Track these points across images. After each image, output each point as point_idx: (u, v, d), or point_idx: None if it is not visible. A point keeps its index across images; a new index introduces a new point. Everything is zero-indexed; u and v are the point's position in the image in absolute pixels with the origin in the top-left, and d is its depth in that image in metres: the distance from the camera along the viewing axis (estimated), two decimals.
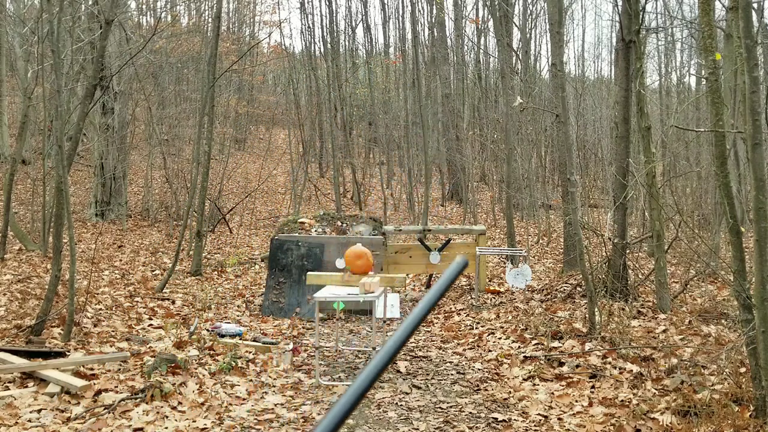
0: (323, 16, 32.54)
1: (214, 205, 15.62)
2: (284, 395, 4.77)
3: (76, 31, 10.38)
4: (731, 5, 6.08)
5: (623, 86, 7.88)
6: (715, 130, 4.53)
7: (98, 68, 7.70)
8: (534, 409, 4.45)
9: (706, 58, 4.63)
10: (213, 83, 10.23)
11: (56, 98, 6.32)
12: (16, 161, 10.15)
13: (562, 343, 5.82)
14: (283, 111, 27.43)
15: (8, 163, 11.98)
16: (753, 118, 3.75)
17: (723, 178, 4.54)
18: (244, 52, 20.24)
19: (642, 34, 7.65)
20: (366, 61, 25.68)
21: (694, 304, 7.33)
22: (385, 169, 22.71)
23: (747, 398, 4.15)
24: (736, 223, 4.40)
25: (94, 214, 15.01)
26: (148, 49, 14.99)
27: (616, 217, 7.70)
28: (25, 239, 11.01)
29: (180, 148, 18.44)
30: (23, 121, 11.00)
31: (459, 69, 22.30)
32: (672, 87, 21.94)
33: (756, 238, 3.71)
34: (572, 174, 7.17)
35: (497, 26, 14.67)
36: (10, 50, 17.74)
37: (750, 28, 3.99)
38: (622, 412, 4.26)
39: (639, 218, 13.20)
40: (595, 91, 22.86)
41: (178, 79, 21.30)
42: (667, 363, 5.09)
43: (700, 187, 13.27)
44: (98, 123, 14.86)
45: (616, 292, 7.18)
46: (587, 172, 17.81)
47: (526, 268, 8.16)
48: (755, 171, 3.75)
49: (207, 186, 10.66)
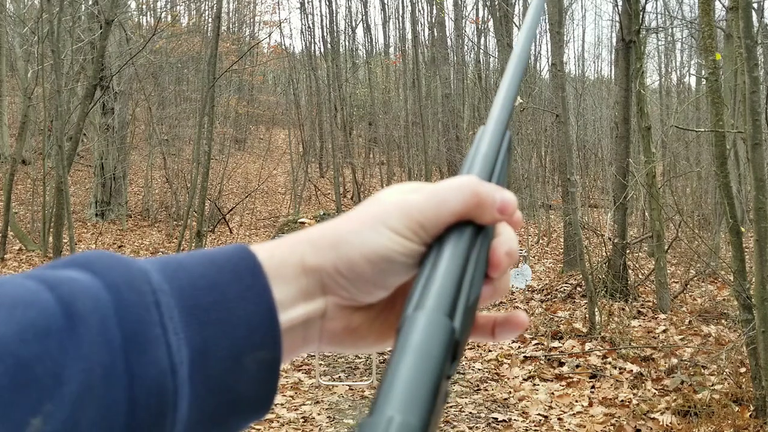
0: (323, 16, 32.56)
1: (214, 205, 15.62)
2: (284, 395, 4.77)
3: (76, 31, 10.38)
4: (731, 5, 6.09)
5: (623, 86, 7.88)
6: (715, 130, 4.53)
7: (98, 68, 7.70)
8: (534, 409, 4.45)
9: (706, 58, 4.64)
10: (213, 83, 10.23)
11: (56, 98, 6.32)
12: (16, 161, 10.16)
13: (562, 343, 5.82)
14: (283, 111, 27.44)
15: (8, 163, 11.98)
16: (753, 118, 3.76)
17: (723, 178, 4.54)
18: (244, 52, 20.25)
19: (642, 34, 7.66)
20: (366, 61, 25.70)
21: (694, 304, 7.33)
22: (385, 169, 22.71)
23: (747, 398, 4.15)
24: (736, 223, 4.40)
25: (94, 214, 15.01)
26: (148, 49, 14.99)
27: (616, 217, 7.70)
28: (25, 239, 11.01)
29: (180, 148, 18.44)
30: (23, 121, 11.00)
31: (459, 69, 22.31)
32: (672, 87, 21.96)
33: (756, 238, 3.71)
34: (572, 174, 7.18)
35: (497, 26, 14.68)
36: (10, 50, 17.73)
37: (750, 28, 3.99)
38: (622, 412, 4.26)
39: (639, 218, 13.20)
40: (595, 91, 22.86)
41: (178, 79, 21.30)
42: (667, 363, 5.09)
43: (700, 187, 13.27)
44: (98, 123, 14.86)
45: (616, 292, 7.17)
46: (587, 172, 17.82)
47: (526, 268, 8.15)
48: (755, 171, 3.75)
49: (207, 186, 10.66)
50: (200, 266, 0.37)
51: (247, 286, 0.37)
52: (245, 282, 0.37)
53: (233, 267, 0.38)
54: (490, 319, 0.44)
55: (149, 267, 0.36)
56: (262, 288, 0.38)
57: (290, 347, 0.40)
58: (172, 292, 0.35)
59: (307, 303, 0.40)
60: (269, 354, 0.37)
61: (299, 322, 0.40)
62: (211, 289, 0.36)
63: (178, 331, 0.34)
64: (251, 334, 0.36)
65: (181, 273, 0.37)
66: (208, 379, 0.35)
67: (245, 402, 0.37)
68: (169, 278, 0.36)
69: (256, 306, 0.37)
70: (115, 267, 0.35)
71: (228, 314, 0.36)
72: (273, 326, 0.37)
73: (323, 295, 0.40)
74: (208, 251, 0.39)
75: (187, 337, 0.34)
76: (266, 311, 0.37)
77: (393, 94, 25.46)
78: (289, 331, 0.39)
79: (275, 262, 0.39)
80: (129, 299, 0.34)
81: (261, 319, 0.37)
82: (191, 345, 0.34)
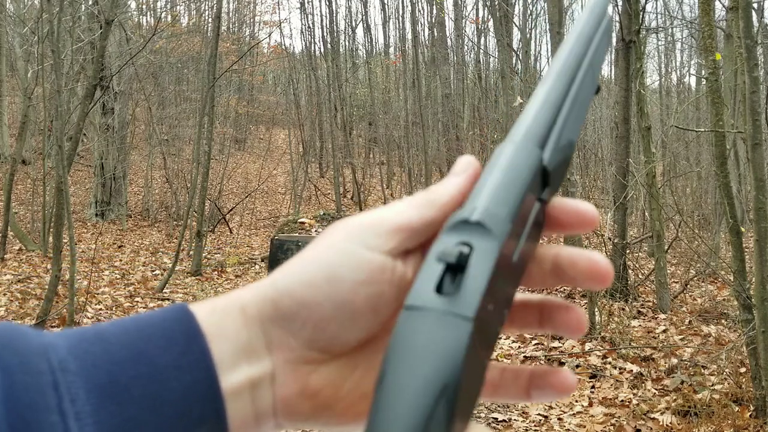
0: (323, 16, 32.56)
1: (214, 205, 15.62)
2: None
3: (76, 31, 10.38)
4: (731, 5, 6.08)
5: (623, 86, 7.88)
6: (715, 130, 4.53)
7: (98, 68, 7.70)
8: (534, 409, 4.45)
9: (706, 58, 4.63)
10: (213, 83, 10.23)
11: (56, 98, 6.32)
12: (16, 161, 10.16)
13: (562, 343, 5.82)
14: (283, 111, 27.43)
15: (8, 163, 11.98)
16: (753, 118, 3.75)
17: (723, 178, 4.54)
18: (244, 52, 20.25)
19: (642, 34, 7.65)
20: (366, 61, 25.69)
21: (694, 304, 7.33)
22: (385, 169, 22.71)
23: (747, 398, 4.15)
24: (736, 223, 4.40)
25: (94, 214, 15.01)
26: (148, 49, 15.00)
27: (616, 217, 7.70)
28: (25, 239, 11.01)
29: (180, 148, 18.43)
30: (23, 121, 11.00)
31: (459, 69, 22.31)
32: (672, 87, 21.95)
33: (756, 238, 3.71)
34: (572, 174, 7.18)
35: (497, 26, 14.68)
36: (10, 50, 17.73)
37: (750, 28, 3.99)
38: (622, 412, 4.26)
39: (639, 218, 13.19)
40: None
41: (178, 79, 21.29)
42: (667, 363, 5.09)
43: (700, 187, 13.27)
44: (98, 123, 14.86)
45: (616, 292, 7.17)
46: (587, 172, 17.82)
47: None
48: (755, 171, 3.75)
49: (207, 186, 10.66)
50: (124, 335, 0.32)
51: (180, 352, 0.31)
52: (178, 347, 0.32)
53: (164, 332, 0.32)
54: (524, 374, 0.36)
55: (58, 342, 0.31)
56: (200, 352, 0.32)
57: (239, 422, 0.33)
58: (80, 369, 0.30)
59: (251, 362, 0.33)
60: (212, 430, 0.31)
61: (245, 387, 0.33)
62: (135, 360, 0.31)
63: (83, 416, 0.29)
64: (188, 409, 0.31)
65: (98, 346, 0.31)
66: None
67: None
68: (81, 353, 0.30)
69: (192, 375, 0.31)
70: (8, 345, 0.30)
71: (158, 388, 0.30)
72: (214, 396, 0.31)
73: (268, 352, 0.34)
74: (143, 315, 0.33)
75: (97, 422, 0.29)
76: (205, 379, 0.31)
77: (393, 94, 25.45)
78: (235, 399, 0.32)
79: (216, 318, 0.33)
80: (21, 382, 0.28)
81: (200, 389, 0.31)
82: (103, 430, 0.29)
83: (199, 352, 0.32)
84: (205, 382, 0.31)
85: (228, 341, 0.33)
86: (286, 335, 0.33)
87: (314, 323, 0.33)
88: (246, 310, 0.34)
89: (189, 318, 0.33)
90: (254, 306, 0.34)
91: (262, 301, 0.34)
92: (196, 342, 0.32)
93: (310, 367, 0.34)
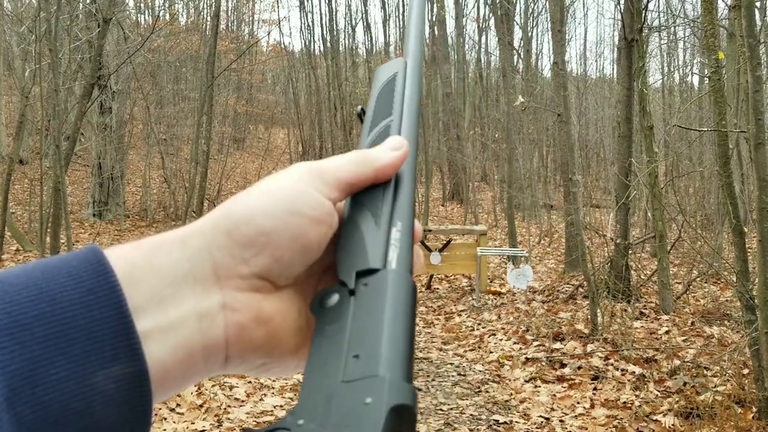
0: (323, 14, 32.55)
1: (212, 205, 15.58)
2: (283, 397, 4.74)
3: (74, 29, 10.33)
4: (734, 4, 6.05)
5: (625, 85, 7.84)
6: (718, 130, 4.49)
7: (96, 67, 7.66)
8: (535, 411, 4.41)
9: (709, 57, 4.60)
10: (211, 82, 10.19)
11: (54, 97, 6.28)
12: (13, 161, 10.12)
13: (563, 345, 5.78)
14: (283, 110, 27.42)
15: (5, 162, 11.95)
16: (756, 117, 3.72)
17: (726, 178, 4.51)
18: (243, 50, 20.22)
19: (644, 32, 7.61)
20: (366, 60, 25.65)
21: (696, 305, 7.29)
22: None
23: (750, 400, 4.12)
24: (739, 224, 4.36)
25: (91, 214, 14.96)
26: (146, 47, 14.94)
27: (619, 218, 7.67)
28: (22, 240, 10.96)
29: (178, 147, 18.40)
30: (20, 120, 10.96)
31: (460, 68, 22.28)
32: (675, 86, 21.92)
33: (759, 239, 3.68)
34: (574, 174, 7.14)
35: (498, 25, 14.64)
36: (8, 49, 17.71)
37: (753, 26, 3.95)
38: (624, 414, 4.22)
39: (641, 218, 13.16)
40: (597, 90, 22.82)
41: (176, 78, 21.26)
42: (669, 364, 5.05)
43: (703, 187, 13.22)
44: (96, 122, 14.82)
45: (619, 293, 7.14)
46: (589, 171, 17.79)
47: (528, 269, 8.12)
48: (758, 171, 3.71)
49: (205, 186, 10.63)
50: (26, 277, 0.31)
51: (87, 289, 0.31)
52: (84, 285, 0.31)
53: (70, 270, 0.31)
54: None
55: None
56: (109, 288, 0.31)
57: (182, 356, 0.33)
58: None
59: (195, 292, 0.34)
60: (128, 367, 0.31)
61: (189, 317, 0.33)
62: (36, 300, 0.30)
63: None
64: (98, 346, 0.30)
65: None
66: (45, 407, 0.29)
67: (107, 428, 0.31)
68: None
69: (101, 312, 0.31)
70: None
71: (63, 327, 0.30)
72: (127, 332, 0.31)
73: (216, 281, 0.34)
74: (51, 258, 0.33)
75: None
76: (116, 316, 0.31)
77: None
78: (173, 332, 0.32)
79: (141, 254, 0.33)
80: None
81: (110, 326, 0.31)
82: (6, 371, 0.28)
83: (108, 289, 0.31)
84: (115, 318, 0.31)
85: (158, 275, 0.33)
86: (236, 263, 0.34)
87: (271, 251, 0.34)
88: (187, 242, 0.34)
89: (97, 256, 0.32)
90: (199, 237, 0.34)
91: (212, 231, 0.35)
92: (105, 278, 0.31)
93: (260, 295, 0.35)
